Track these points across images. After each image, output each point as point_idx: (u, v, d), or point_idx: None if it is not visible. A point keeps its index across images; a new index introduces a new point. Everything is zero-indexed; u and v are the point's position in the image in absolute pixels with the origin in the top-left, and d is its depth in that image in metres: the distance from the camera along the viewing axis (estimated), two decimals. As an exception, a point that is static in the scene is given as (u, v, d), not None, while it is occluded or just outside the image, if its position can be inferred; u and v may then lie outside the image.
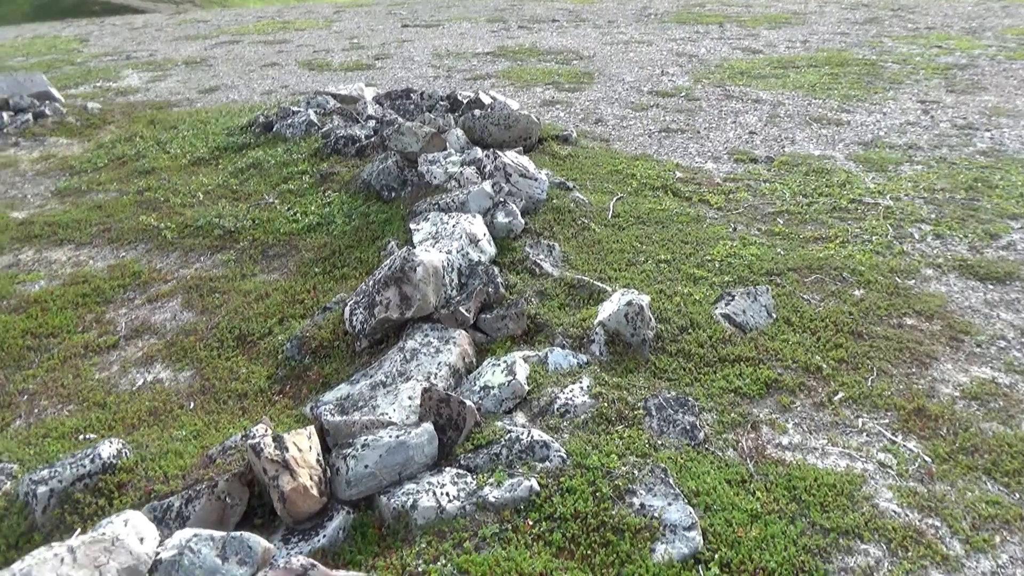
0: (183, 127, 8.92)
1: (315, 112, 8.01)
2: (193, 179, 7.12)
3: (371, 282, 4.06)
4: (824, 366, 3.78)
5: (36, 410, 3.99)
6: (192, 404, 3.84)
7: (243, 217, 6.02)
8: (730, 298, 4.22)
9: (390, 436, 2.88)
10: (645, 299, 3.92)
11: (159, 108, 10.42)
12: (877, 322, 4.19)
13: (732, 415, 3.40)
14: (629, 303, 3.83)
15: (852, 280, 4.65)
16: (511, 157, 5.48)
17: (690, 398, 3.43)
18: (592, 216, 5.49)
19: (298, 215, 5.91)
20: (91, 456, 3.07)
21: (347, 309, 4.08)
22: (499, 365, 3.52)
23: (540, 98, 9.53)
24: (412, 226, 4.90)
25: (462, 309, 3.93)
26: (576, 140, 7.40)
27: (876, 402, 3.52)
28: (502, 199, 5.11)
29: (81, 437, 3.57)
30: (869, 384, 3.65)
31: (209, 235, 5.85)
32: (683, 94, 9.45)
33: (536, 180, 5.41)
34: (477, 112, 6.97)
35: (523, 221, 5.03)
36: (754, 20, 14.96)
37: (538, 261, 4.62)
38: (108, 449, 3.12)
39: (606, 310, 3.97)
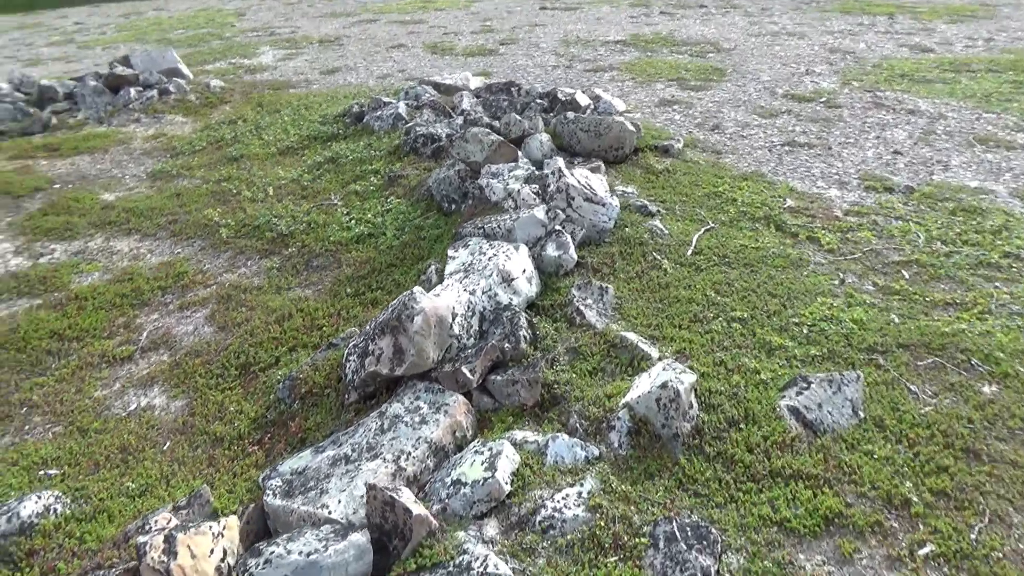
0: (286, 111, 8.80)
1: (407, 104, 7.60)
2: (272, 170, 6.90)
3: (372, 324, 3.55)
4: (915, 499, 2.88)
5: (27, 426, 3.80)
6: (167, 444, 3.50)
7: (301, 219, 5.69)
8: (804, 385, 3.36)
9: (301, 552, 2.35)
10: (687, 380, 3.16)
11: (276, 89, 10.43)
12: (1007, 438, 3.20)
13: (767, 562, 2.61)
14: (664, 385, 3.09)
15: (983, 370, 3.63)
16: (579, 176, 4.78)
17: (714, 528, 2.67)
18: (668, 251, 4.70)
19: (352, 222, 5.51)
20: (8, 514, 2.75)
21: (347, 351, 3.60)
22: (481, 453, 2.90)
23: (658, 97, 8.65)
24: (450, 252, 4.35)
25: (465, 369, 3.33)
26: (680, 151, 6.54)
27: (979, 567, 2.61)
28: (557, 227, 4.44)
29: (41, 473, 3.30)
30: (974, 537, 2.73)
31: (262, 237, 5.57)
32: (823, 99, 8.26)
33: (604, 206, 4.69)
34: (570, 115, 6.28)
35: (575, 255, 4.34)
36: (932, 12, 13.12)
37: (582, 308, 3.94)
38: (31, 506, 2.80)
39: (638, 388, 3.25)
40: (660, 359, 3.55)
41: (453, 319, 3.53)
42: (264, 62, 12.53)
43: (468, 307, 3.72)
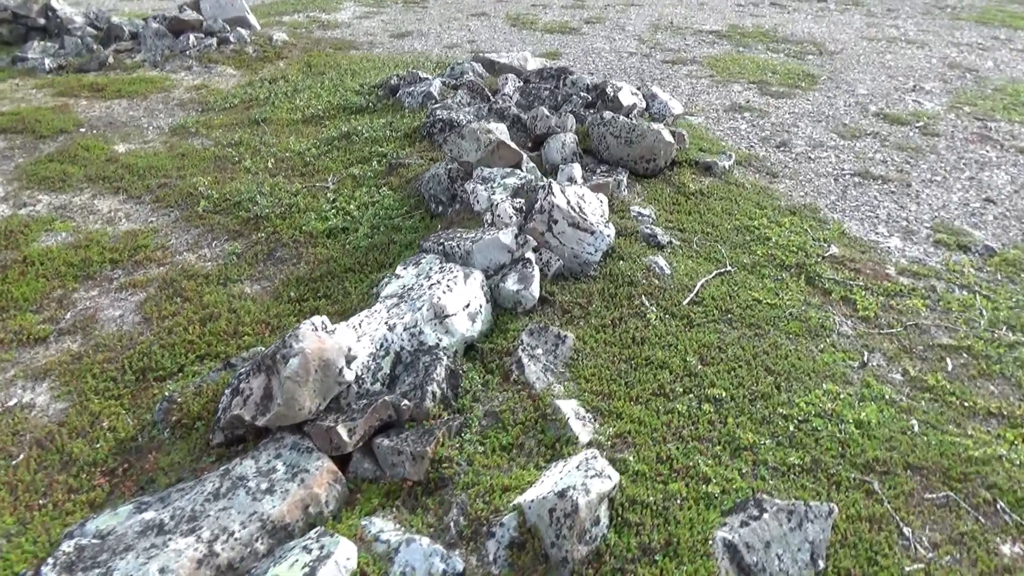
0: (330, 75, 8.36)
1: (443, 82, 7.00)
2: (285, 140, 6.47)
3: (262, 353, 3.02)
4: None
5: (-96, 405, 3.48)
6: (21, 456, 3.10)
7: (284, 201, 5.23)
8: (756, 512, 2.62)
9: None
10: (598, 489, 2.49)
11: (337, 48, 10.01)
12: (1012, 632, 2.40)
13: None
14: (563, 493, 2.44)
15: (1010, 520, 2.79)
16: (571, 195, 4.08)
17: None
18: (661, 296, 3.97)
19: (332, 211, 5.00)
20: None
21: (231, 380, 3.09)
22: (308, 552, 2.34)
23: (730, 100, 7.72)
24: (398, 269, 3.76)
25: (341, 429, 2.77)
26: (726, 170, 5.69)
27: None
28: (528, 255, 3.78)
29: None
30: None
31: (237, 216, 5.14)
32: (921, 123, 7.15)
33: (592, 234, 3.99)
34: (606, 115, 5.54)
35: (536, 292, 3.67)
36: (1086, 30, 11.44)
37: (524, 360, 3.29)
38: None
39: (542, 485, 2.60)
40: (588, 446, 2.87)
41: (351, 361, 2.95)
42: (340, 18, 12.15)
43: (382, 345, 3.15)
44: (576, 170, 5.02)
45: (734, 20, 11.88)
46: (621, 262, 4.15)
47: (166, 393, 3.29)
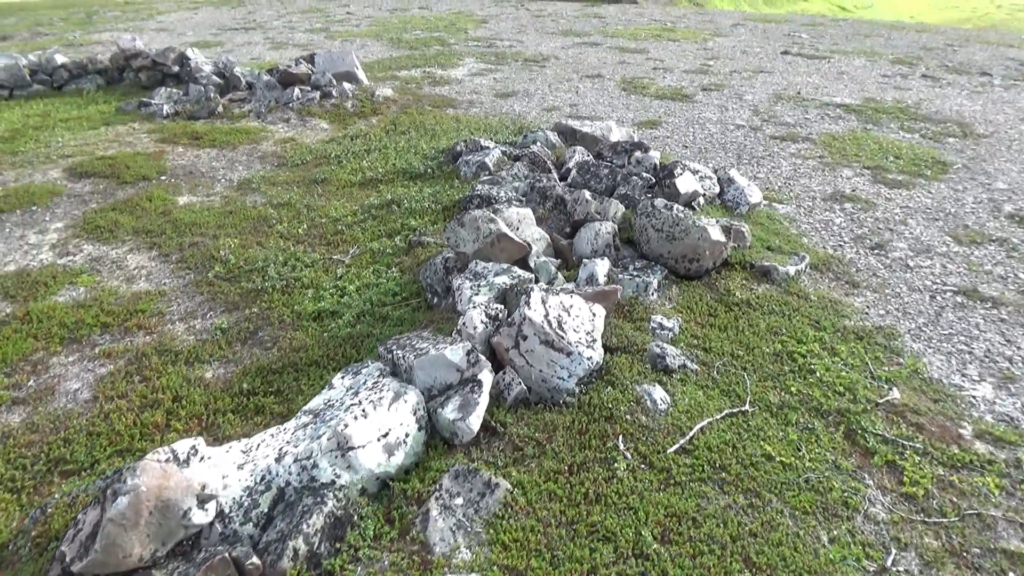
0: (411, 134, 8.21)
1: (503, 152, 6.60)
2: (332, 203, 6.29)
3: (106, 478, 2.66)
4: None
5: None
6: None
7: (289, 274, 4.97)
8: None
9: None
10: None
11: (436, 106, 9.92)
12: None
13: None
14: None
15: None
16: (552, 305, 3.51)
17: None
18: (643, 439, 3.29)
19: (331, 291, 4.67)
20: None
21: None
22: None
23: (832, 187, 6.81)
24: (336, 377, 3.33)
25: (161, 587, 2.33)
26: (790, 277, 4.88)
27: None
28: (479, 376, 3.24)
29: None
30: None
31: (242, 286, 4.92)
32: (1065, 232, 5.95)
33: (568, 356, 3.39)
34: (658, 203, 4.92)
35: (475, 426, 3.11)
36: None
37: (433, 513, 2.74)
38: None
39: None
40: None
41: (206, 501, 2.53)
42: (454, 75, 12.15)
43: (263, 478, 2.71)
44: (601, 267, 4.43)
45: (873, 92, 10.78)
46: (609, 389, 3.51)
47: (50, 498, 3.01)
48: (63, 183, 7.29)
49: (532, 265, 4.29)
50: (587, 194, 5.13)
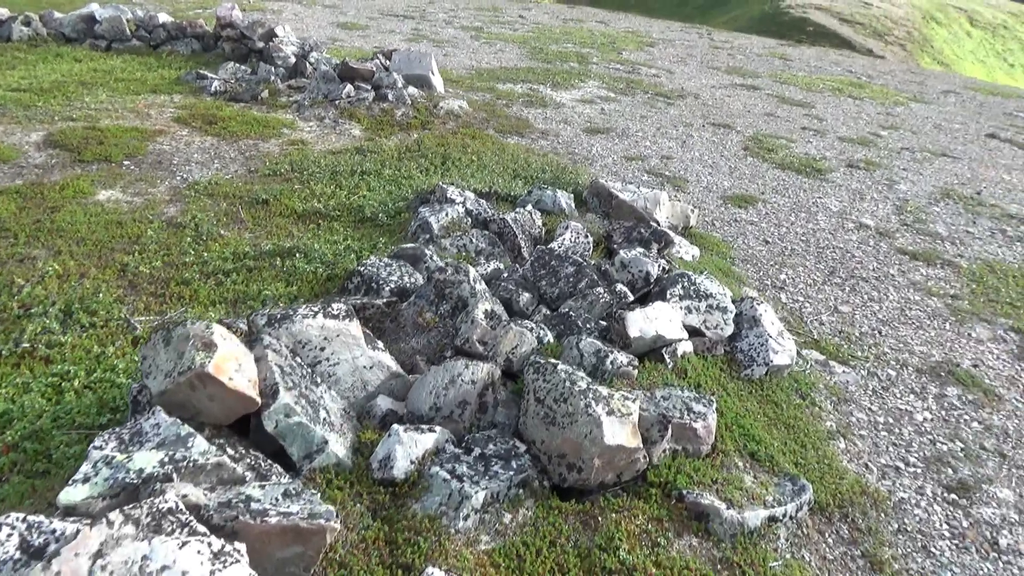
0: (423, 163, 6.66)
1: (467, 209, 4.89)
2: (230, 236, 4.88)
3: None
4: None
5: None
6: None
7: (41, 334, 3.59)
8: None
9: None
10: None
11: (503, 131, 8.32)
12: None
13: None
14: None
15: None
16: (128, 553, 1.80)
17: None
18: None
19: (43, 378, 3.22)
20: None
21: None
22: None
23: (943, 355, 4.50)
24: None
25: None
26: (749, 533, 2.81)
27: None
28: None
29: None
30: None
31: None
32: None
33: None
34: (561, 360, 3.05)
35: None
36: None
37: None
38: None
39: None
40: None
41: None
42: (561, 98, 10.47)
43: None
44: (410, 447, 2.66)
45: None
46: None
47: None
48: (25, 149, 6.46)
49: (274, 427, 2.59)
50: (480, 311, 3.33)
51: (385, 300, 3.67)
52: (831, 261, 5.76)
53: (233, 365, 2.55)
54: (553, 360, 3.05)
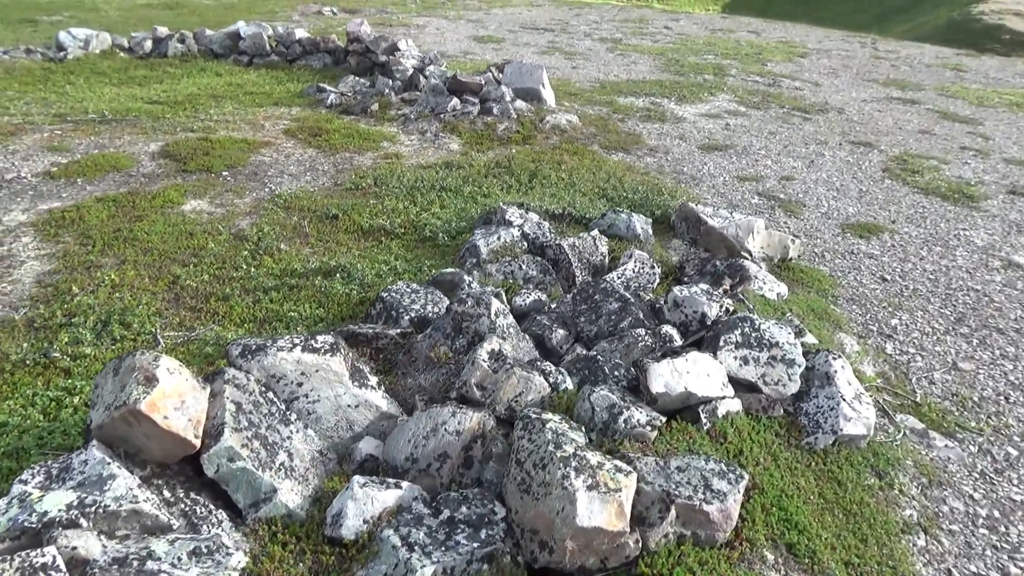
0: (509, 180, 6.38)
1: (523, 233, 4.54)
2: (290, 251, 4.82)
3: None
4: None
5: None
6: None
7: (104, 335, 3.61)
8: None
9: None
10: None
11: (609, 147, 7.91)
12: None
13: None
14: None
15: None
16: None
17: None
18: None
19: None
20: None
21: None
22: None
23: (1080, 434, 3.64)
24: None
25: None
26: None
27: None
28: None
29: None
30: None
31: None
32: None
33: None
34: (560, 409, 2.67)
35: None
36: None
37: None
38: None
39: None
40: None
41: None
42: (684, 112, 9.88)
43: None
44: (364, 503, 2.38)
45: None
46: None
47: None
48: (140, 159, 6.80)
49: (215, 471, 2.38)
50: (484, 351, 2.99)
51: (400, 331, 3.40)
52: (961, 306, 4.91)
53: (173, 403, 2.36)
54: (547, 415, 2.65)
